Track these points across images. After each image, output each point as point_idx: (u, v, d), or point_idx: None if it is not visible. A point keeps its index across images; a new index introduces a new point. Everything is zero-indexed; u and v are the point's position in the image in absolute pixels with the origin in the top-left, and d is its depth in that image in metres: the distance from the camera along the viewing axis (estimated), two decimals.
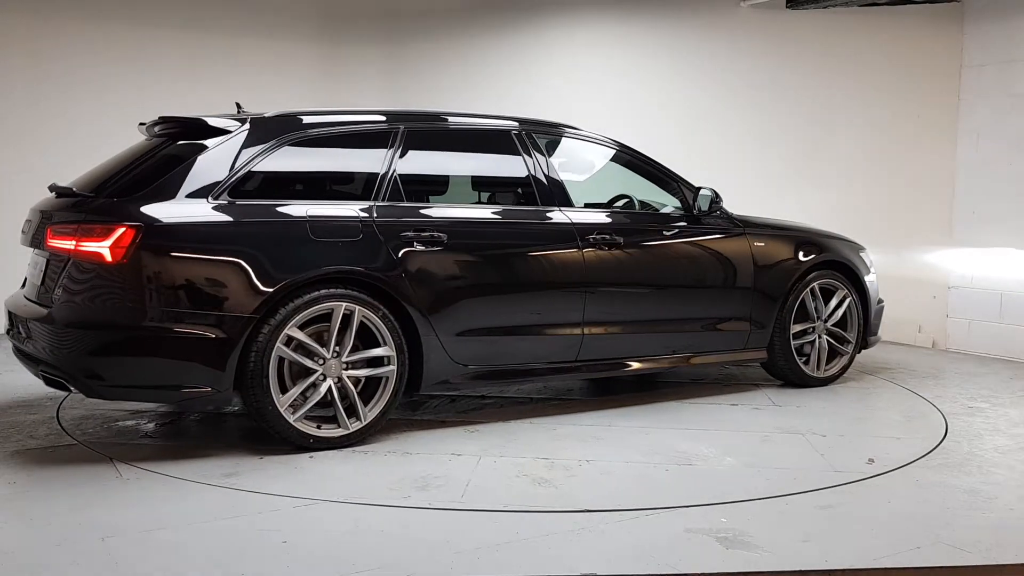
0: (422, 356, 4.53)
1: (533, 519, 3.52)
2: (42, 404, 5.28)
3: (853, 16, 7.64)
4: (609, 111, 8.08)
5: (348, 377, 4.37)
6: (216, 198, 4.25)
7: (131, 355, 4.09)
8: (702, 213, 5.43)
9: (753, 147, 7.89)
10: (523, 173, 5.04)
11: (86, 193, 4.38)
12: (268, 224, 4.29)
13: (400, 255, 4.47)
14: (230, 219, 4.24)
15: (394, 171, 4.64)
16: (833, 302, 5.81)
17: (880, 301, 6.15)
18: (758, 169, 7.86)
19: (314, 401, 4.30)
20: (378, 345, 4.43)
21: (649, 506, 3.67)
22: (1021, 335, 7.10)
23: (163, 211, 4.15)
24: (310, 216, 4.36)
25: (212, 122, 4.49)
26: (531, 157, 5.05)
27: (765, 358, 5.68)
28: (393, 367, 4.44)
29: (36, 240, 4.48)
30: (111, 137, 8.20)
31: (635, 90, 8.14)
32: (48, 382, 4.31)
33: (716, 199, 5.43)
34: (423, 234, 4.56)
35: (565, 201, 5.07)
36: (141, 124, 5.02)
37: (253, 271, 4.16)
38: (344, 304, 4.31)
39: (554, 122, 5.41)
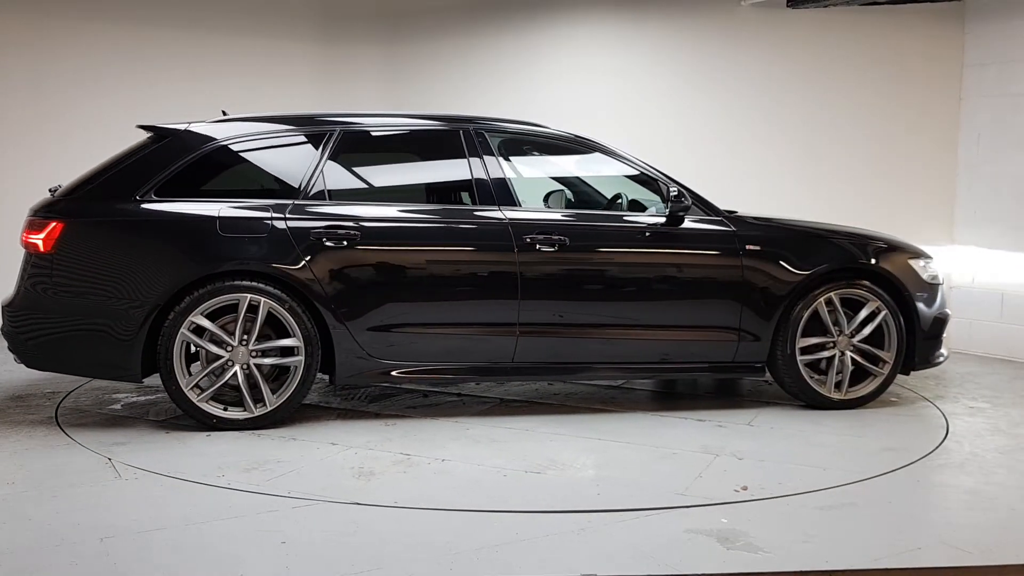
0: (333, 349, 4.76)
1: (534, 519, 3.52)
2: (41, 404, 5.28)
3: (854, 16, 7.63)
4: (608, 110, 8.07)
5: (256, 365, 4.66)
6: (142, 197, 4.71)
7: (57, 334, 4.67)
8: (672, 212, 5.01)
9: (753, 147, 7.87)
10: (463, 173, 5.04)
11: (56, 195, 4.86)
12: (177, 221, 4.70)
13: (309, 251, 4.68)
14: (145, 216, 4.69)
15: (320, 172, 4.87)
16: (862, 314, 5.15)
17: (941, 316, 5.37)
18: (758, 169, 7.85)
19: (219, 385, 4.64)
20: (289, 336, 4.69)
21: (498, 508, 3.64)
22: (1022, 335, 7.09)
23: (90, 208, 4.73)
24: (221, 214, 4.68)
25: (161, 128, 4.95)
26: (475, 157, 5.02)
27: (763, 374, 5.20)
28: (300, 357, 4.67)
29: None
30: (111, 137, 8.20)
31: (635, 89, 8.13)
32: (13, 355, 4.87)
33: (679, 198, 4.97)
34: (334, 231, 4.72)
35: (507, 200, 4.96)
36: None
37: (158, 263, 4.62)
38: (249, 296, 4.62)
39: (515, 120, 5.33)
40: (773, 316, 5.08)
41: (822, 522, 3.53)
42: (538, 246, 4.87)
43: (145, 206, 4.70)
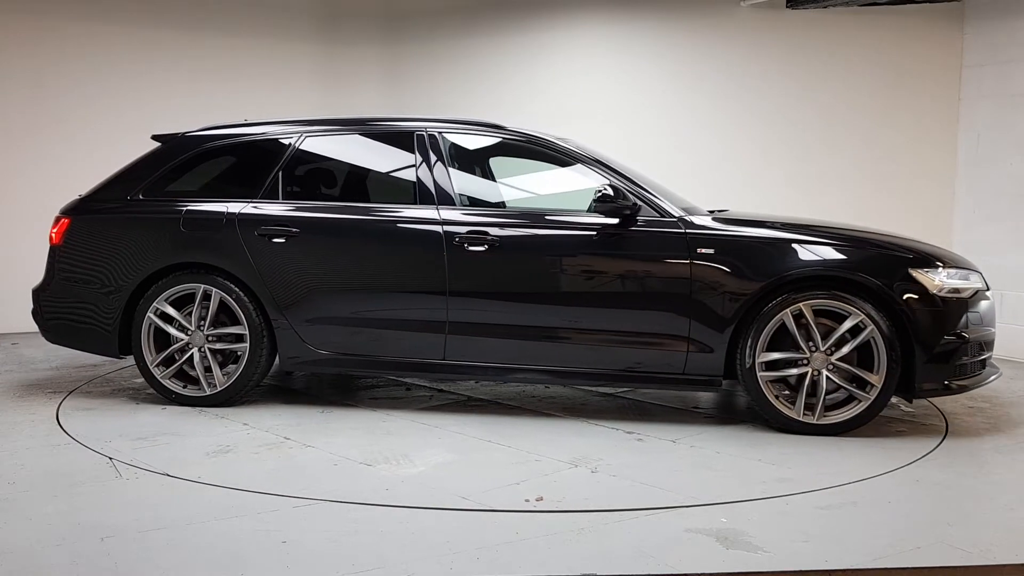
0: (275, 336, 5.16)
1: (534, 519, 3.52)
2: (42, 404, 5.29)
3: (853, 16, 7.64)
4: (607, 111, 8.09)
5: (210, 349, 5.16)
6: (132, 197, 5.36)
7: (65, 314, 5.38)
8: (599, 211, 4.81)
9: (752, 147, 7.89)
10: (409, 174, 5.15)
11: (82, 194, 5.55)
12: (149, 218, 5.30)
13: (253, 246, 5.11)
14: (126, 214, 5.35)
15: (278, 173, 5.26)
16: (842, 328, 4.58)
17: (956, 337, 4.64)
18: (757, 169, 7.86)
19: (179, 364, 5.19)
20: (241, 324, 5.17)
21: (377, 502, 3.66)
22: (1021, 335, 7.09)
23: (90, 206, 5.43)
24: (185, 212, 5.21)
25: (162, 135, 5.55)
26: (424, 157, 5.12)
27: (720, 388, 4.86)
28: (246, 344, 5.11)
29: None
30: (113, 138, 8.23)
31: (634, 90, 8.14)
32: None
33: (608, 199, 4.74)
34: (275, 228, 5.11)
35: (447, 200, 5.02)
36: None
37: (132, 255, 5.23)
38: (203, 286, 5.13)
39: (470, 120, 5.36)
40: (727, 326, 4.69)
41: (822, 522, 3.53)
42: (466, 245, 4.90)
43: (130, 204, 5.35)
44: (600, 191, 4.79)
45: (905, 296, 4.59)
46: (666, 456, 4.40)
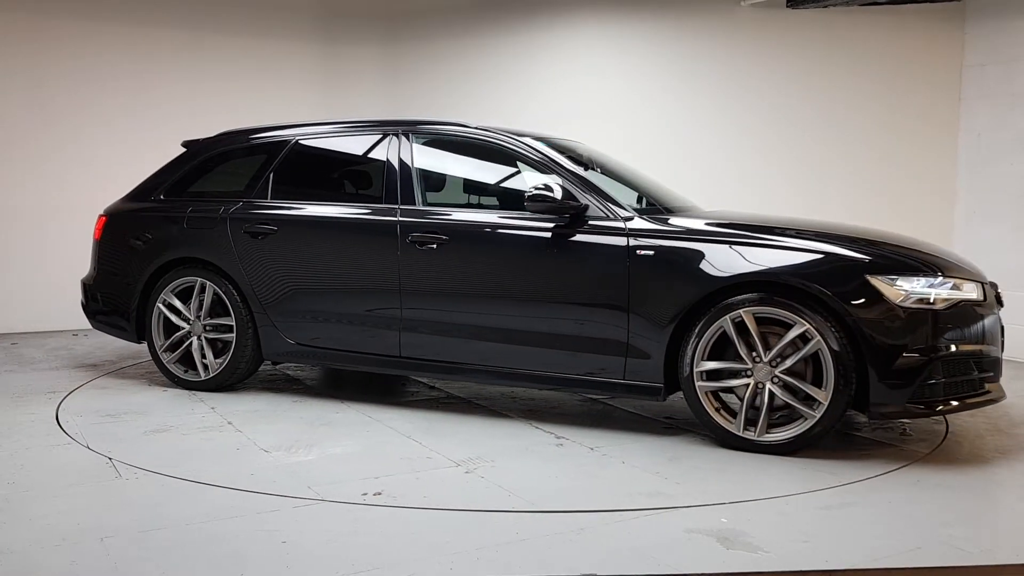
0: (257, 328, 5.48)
1: (534, 519, 3.52)
2: (41, 404, 5.29)
3: (853, 16, 7.64)
4: (607, 111, 8.09)
5: (205, 338, 5.59)
6: (154, 198, 5.89)
7: (100, 302, 5.99)
8: (531, 212, 4.72)
9: (752, 147, 7.89)
10: (379, 174, 5.31)
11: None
12: (162, 217, 5.78)
13: (237, 243, 5.47)
14: (146, 213, 5.86)
15: (269, 175, 5.59)
16: (786, 338, 4.22)
17: (920, 354, 4.11)
18: (757, 169, 7.86)
19: (182, 350, 5.63)
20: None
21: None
22: (1021, 335, 7.09)
23: (122, 206, 6.01)
24: (190, 211, 5.67)
25: (188, 141, 6.04)
26: (393, 158, 5.26)
27: (661, 397, 4.55)
28: (233, 334, 5.48)
29: None
30: (110, 138, 8.23)
31: (633, 90, 8.14)
32: None
33: (539, 198, 4.61)
34: (257, 227, 5.43)
35: (409, 199, 5.12)
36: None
37: (147, 250, 5.73)
38: (199, 280, 5.56)
39: (441, 121, 5.40)
40: (664, 332, 4.46)
41: (822, 522, 3.53)
42: (417, 244, 4.99)
43: (152, 204, 5.86)
44: (532, 190, 4.65)
45: (856, 306, 4.13)
46: (565, 462, 4.26)
